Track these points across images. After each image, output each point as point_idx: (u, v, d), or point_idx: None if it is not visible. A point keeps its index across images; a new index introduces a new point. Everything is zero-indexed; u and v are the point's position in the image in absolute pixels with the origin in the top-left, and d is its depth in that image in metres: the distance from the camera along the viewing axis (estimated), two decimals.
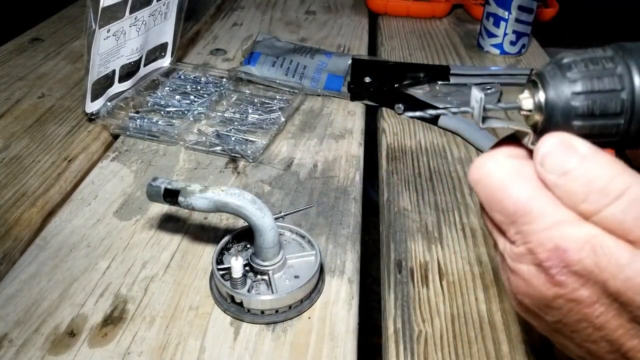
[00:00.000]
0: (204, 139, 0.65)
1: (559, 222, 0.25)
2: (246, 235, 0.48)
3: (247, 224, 0.44)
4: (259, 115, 0.70)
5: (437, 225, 0.55)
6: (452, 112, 0.29)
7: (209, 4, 1.12)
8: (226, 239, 0.48)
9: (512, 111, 0.29)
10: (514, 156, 0.28)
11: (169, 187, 0.44)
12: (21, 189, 0.56)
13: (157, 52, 0.78)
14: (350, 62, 0.83)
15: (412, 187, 0.60)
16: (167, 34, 0.78)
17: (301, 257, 0.47)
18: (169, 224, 0.53)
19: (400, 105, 0.74)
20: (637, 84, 0.25)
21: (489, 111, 0.28)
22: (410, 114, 0.68)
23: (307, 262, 0.47)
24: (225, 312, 0.44)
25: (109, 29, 0.63)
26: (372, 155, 0.69)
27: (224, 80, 0.78)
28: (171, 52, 0.80)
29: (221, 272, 0.44)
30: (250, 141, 0.65)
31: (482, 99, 0.27)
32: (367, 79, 0.78)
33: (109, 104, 0.69)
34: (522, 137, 0.29)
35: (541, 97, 0.27)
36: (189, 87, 0.75)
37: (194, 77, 0.78)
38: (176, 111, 0.70)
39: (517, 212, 0.26)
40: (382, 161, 0.66)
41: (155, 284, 0.46)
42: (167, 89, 0.74)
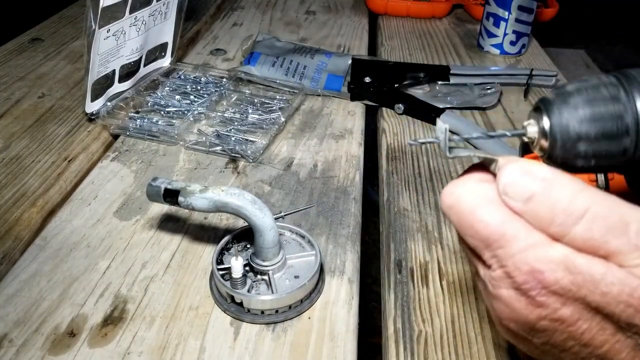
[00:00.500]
0: (204, 139, 0.65)
1: (533, 245, 0.26)
2: (246, 235, 0.48)
3: (247, 224, 0.44)
4: (259, 115, 0.70)
5: (437, 225, 0.55)
6: (419, 142, 0.31)
7: (209, 4, 1.12)
8: (226, 239, 0.48)
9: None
10: (484, 181, 0.28)
11: (169, 187, 0.44)
12: (21, 189, 0.56)
13: (157, 52, 0.78)
14: (350, 62, 0.83)
15: (412, 187, 0.60)
16: (167, 34, 0.78)
17: (301, 257, 0.47)
18: (169, 224, 0.53)
19: (400, 105, 0.74)
20: None
21: (453, 142, 0.29)
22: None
23: (307, 262, 0.47)
24: (225, 312, 0.44)
25: (109, 29, 0.63)
26: (372, 155, 0.69)
27: (224, 80, 0.78)
28: (171, 52, 0.80)
29: (221, 272, 0.44)
30: (250, 141, 0.65)
31: (446, 130, 0.28)
32: (367, 79, 0.78)
33: (109, 104, 0.69)
34: (489, 164, 0.29)
35: (545, 124, 0.27)
36: (189, 87, 0.75)
37: (194, 77, 0.78)
38: (176, 111, 0.70)
39: (490, 237, 0.26)
40: (382, 161, 0.66)
41: (155, 284, 0.46)
42: (167, 89, 0.74)
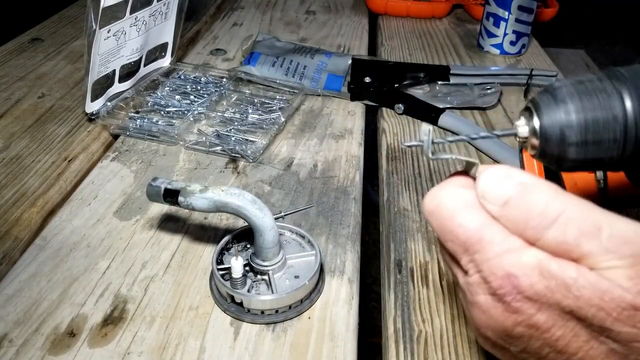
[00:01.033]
0: (204, 139, 0.65)
1: (508, 250, 0.26)
2: (246, 235, 0.48)
3: (247, 224, 0.44)
4: (259, 115, 0.70)
5: None
6: (406, 145, 0.31)
7: (209, 4, 1.12)
8: (226, 239, 0.48)
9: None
10: (465, 186, 0.29)
11: (169, 187, 0.44)
12: (21, 189, 0.56)
13: (157, 52, 0.78)
14: (350, 62, 0.83)
15: (412, 187, 0.60)
16: (167, 34, 0.78)
17: (301, 257, 0.47)
18: (169, 224, 0.53)
19: (400, 105, 0.74)
20: (629, 107, 0.26)
21: (437, 144, 0.30)
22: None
23: (307, 262, 0.47)
24: (225, 312, 0.44)
25: (109, 29, 0.63)
26: (372, 155, 0.69)
27: (224, 80, 0.78)
28: (171, 52, 0.80)
29: (221, 272, 0.44)
30: (250, 141, 0.65)
31: (430, 132, 0.29)
32: (367, 79, 0.78)
33: (109, 104, 0.69)
34: (469, 168, 0.30)
35: (536, 123, 0.28)
36: (189, 87, 0.75)
37: (194, 77, 0.78)
38: (176, 111, 0.70)
39: (468, 241, 0.27)
40: (382, 161, 0.66)
41: (155, 284, 0.46)
42: (167, 89, 0.74)
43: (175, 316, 0.43)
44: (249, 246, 0.48)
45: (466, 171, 0.30)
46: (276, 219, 0.50)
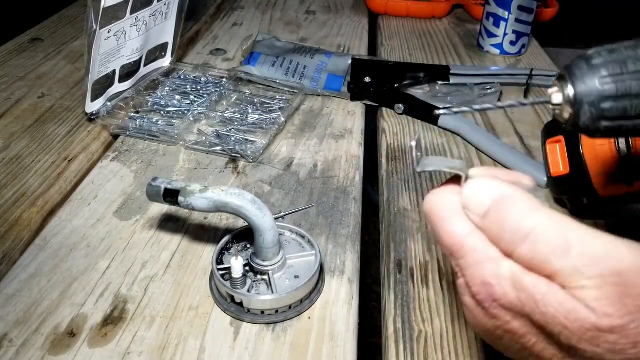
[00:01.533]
0: (204, 139, 0.65)
1: (487, 259, 0.27)
2: (246, 235, 0.48)
3: (247, 224, 0.44)
4: (259, 115, 0.70)
5: None
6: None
7: (209, 4, 1.12)
8: (226, 239, 0.48)
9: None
10: (459, 193, 0.29)
11: (169, 187, 0.44)
12: (21, 189, 0.56)
13: (157, 52, 0.78)
14: (350, 62, 0.83)
15: (412, 187, 0.60)
16: (167, 34, 0.78)
17: (301, 257, 0.47)
18: (169, 224, 0.53)
19: (400, 105, 0.74)
20: None
21: (424, 157, 0.30)
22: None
23: (307, 262, 0.47)
24: (225, 312, 0.44)
25: (110, 29, 0.63)
26: (372, 155, 0.69)
27: (224, 80, 0.78)
28: (171, 52, 0.81)
29: (221, 272, 0.44)
30: (250, 141, 0.65)
31: (413, 148, 0.29)
32: (367, 79, 0.78)
33: (109, 104, 0.69)
34: (458, 178, 0.30)
35: (570, 91, 0.28)
36: (189, 87, 0.75)
37: (194, 77, 0.78)
38: (176, 111, 0.70)
39: (454, 247, 0.28)
40: (382, 161, 0.66)
41: (155, 284, 0.46)
42: (167, 89, 0.74)
43: (175, 316, 0.43)
44: (249, 246, 0.48)
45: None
46: (276, 219, 0.50)
